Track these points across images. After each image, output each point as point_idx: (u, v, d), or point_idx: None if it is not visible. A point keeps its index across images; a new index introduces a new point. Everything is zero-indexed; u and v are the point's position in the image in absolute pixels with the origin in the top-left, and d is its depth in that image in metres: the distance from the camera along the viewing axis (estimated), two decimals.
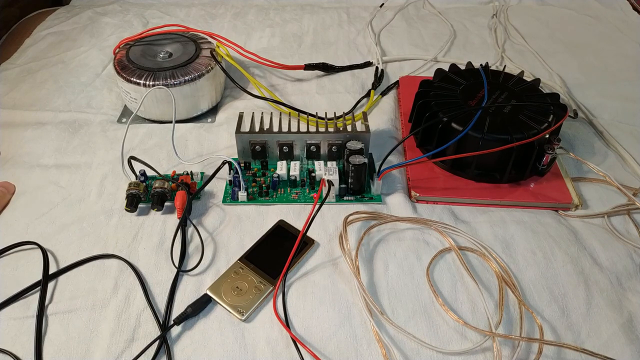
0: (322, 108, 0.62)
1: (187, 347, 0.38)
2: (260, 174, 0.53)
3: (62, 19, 0.84)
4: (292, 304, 0.41)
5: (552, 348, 0.38)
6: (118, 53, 0.61)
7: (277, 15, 0.87)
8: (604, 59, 0.76)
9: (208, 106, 0.62)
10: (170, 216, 0.48)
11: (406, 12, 0.88)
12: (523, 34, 0.81)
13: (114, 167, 0.54)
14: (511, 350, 0.38)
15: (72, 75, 0.69)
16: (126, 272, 0.43)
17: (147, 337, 0.39)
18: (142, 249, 0.45)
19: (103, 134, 0.59)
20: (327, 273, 0.43)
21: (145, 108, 0.59)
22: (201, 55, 0.61)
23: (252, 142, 0.52)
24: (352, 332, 0.39)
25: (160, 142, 0.57)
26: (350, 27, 0.83)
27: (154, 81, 0.57)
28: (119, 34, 0.79)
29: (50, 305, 0.41)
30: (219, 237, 0.47)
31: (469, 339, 0.39)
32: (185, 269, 0.44)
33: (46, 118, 0.61)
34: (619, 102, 0.66)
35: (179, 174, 0.52)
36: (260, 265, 0.44)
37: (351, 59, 0.74)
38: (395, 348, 0.38)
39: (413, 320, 0.40)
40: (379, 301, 0.41)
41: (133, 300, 0.41)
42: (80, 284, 0.43)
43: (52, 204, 0.50)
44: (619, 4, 0.91)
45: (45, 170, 0.54)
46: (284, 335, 0.39)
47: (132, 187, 0.48)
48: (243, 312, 0.40)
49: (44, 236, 0.46)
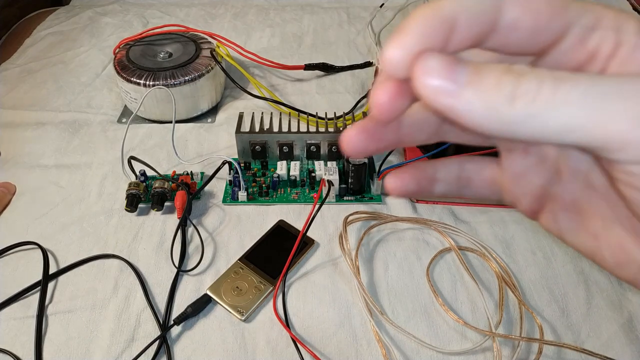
0: (322, 108, 0.62)
1: (187, 347, 0.38)
2: (260, 174, 0.53)
3: (62, 19, 0.84)
4: (292, 304, 0.41)
5: (552, 348, 0.38)
6: (118, 53, 0.61)
7: (277, 15, 0.87)
8: None
9: (208, 106, 0.62)
10: (170, 216, 0.48)
11: (406, 12, 0.88)
12: None
13: (114, 167, 0.54)
14: (511, 350, 0.38)
15: (72, 76, 0.69)
16: (126, 272, 0.43)
17: (147, 337, 0.39)
18: (142, 249, 0.45)
19: (103, 134, 0.59)
20: (327, 273, 0.43)
21: (145, 108, 0.59)
22: (201, 55, 0.61)
23: (252, 142, 0.52)
24: (352, 332, 0.39)
25: (160, 142, 0.57)
26: (350, 27, 0.83)
27: (154, 81, 0.57)
28: (119, 34, 0.78)
29: (50, 305, 0.41)
30: (219, 237, 0.47)
31: (469, 339, 0.39)
32: (185, 269, 0.44)
33: (46, 118, 0.61)
34: None
35: (179, 174, 0.52)
36: (260, 265, 0.44)
37: (351, 59, 0.74)
38: (395, 348, 0.38)
39: (413, 320, 0.40)
40: (379, 301, 0.41)
41: (133, 300, 0.41)
42: (80, 284, 0.43)
43: (52, 204, 0.50)
44: (618, 3, 0.91)
45: (46, 170, 0.54)
46: (284, 335, 0.39)
47: (132, 187, 0.48)
48: (243, 312, 0.40)
49: (44, 236, 0.46)
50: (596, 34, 0.14)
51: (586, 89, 0.12)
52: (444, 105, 0.13)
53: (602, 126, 0.12)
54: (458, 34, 0.13)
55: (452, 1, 0.13)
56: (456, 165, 0.19)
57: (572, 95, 0.12)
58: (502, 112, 0.12)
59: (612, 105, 0.12)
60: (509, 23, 0.14)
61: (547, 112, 0.12)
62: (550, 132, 0.12)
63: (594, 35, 0.14)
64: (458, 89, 0.13)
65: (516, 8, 0.13)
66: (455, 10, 0.13)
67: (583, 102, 0.12)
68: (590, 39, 0.14)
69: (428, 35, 0.13)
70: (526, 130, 0.12)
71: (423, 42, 0.13)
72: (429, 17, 0.13)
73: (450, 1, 0.13)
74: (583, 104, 0.12)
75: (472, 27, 0.13)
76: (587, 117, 0.12)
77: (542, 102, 0.12)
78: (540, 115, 0.12)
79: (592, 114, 0.12)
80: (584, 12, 0.14)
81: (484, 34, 0.14)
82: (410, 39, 0.13)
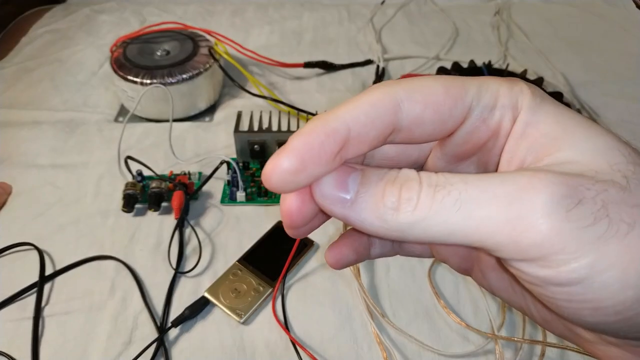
0: (322, 107, 0.62)
1: (185, 350, 0.38)
2: (259, 173, 0.52)
3: (59, 17, 0.83)
4: (291, 306, 0.41)
5: (555, 350, 0.37)
6: (115, 51, 0.61)
7: (276, 12, 0.86)
8: (608, 57, 0.75)
9: (206, 105, 0.62)
10: (168, 217, 0.48)
11: (408, 10, 0.88)
12: (526, 32, 0.80)
13: (110, 167, 0.53)
14: (514, 353, 0.37)
15: (69, 74, 0.69)
16: (123, 274, 0.43)
17: (145, 339, 0.38)
18: (139, 250, 0.45)
19: (100, 133, 0.58)
20: (327, 275, 0.43)
21: (142, 107, 0.58)
22: (199, 53, 0.60)
23: (250, 142, 0.51)
24: (352, 335, 0.39)
25: (158, 142, 0.57)
26: (350, 25, 0.82)
27: (151, 79, 0.56)
28: (116, 32, 0.78)
29: (47, 307, 0.41)
30: (217, 238, 0.46)
31: (471, 341, 0.38)
32: (183, 270, 0.43)
33: (42, 117, 0.60)
34: (623, 101, 0.65)
35: (177, 174, 0.52)
36: (259, 267, 0.43)
37: (352, 56, 0.73)
38: (397, 351, 0.38)
39: (414, 322, 0.39)
40: (380, 303, 0.41)
41: (130, 302, 0.41)
42: (77, 285, 0.42)
43: (49, 204, 0.49)
44: (622, 2, 0.90)
45: (42, 170, 0.53)
46: (283, 338, 0.38)
47: (129, 187, 0.48)
48: (242, 314, 0.39)
49: (40, 237, 0.46)
50: (496, 113, 0.15)
51: (459, 195, 0.13)
52: (339, 214, 0.14)
53: (476, 231, 0.13)
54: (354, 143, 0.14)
55: (344, 111, 0.14)
56: None
57: (447, 202, 0.13)
58: (390, 221, 0.13)
59: (483, 210, 0.13)
60: (411, 120, 0.14)
61: (427, 219, 0.13)
62: (434, 235, 0.13)
63: (494, 114, 0.15)
64: (349, 200, 0.14)
65: (416, 105, 0.14)
66: (345, 121, 0.14)
67: (456, 209, 0.13)
68: (491, 118, 0.15)
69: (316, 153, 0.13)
70: (414, 235, 0.13)
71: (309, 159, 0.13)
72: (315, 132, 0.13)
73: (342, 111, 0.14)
74: (456, 210, 0.13)
75: (369, 133, 0.14)
76: (462, 221, 0.13)
77: (421, 211, 0.13)
78: (422, 221, 0.13)
79: (465, 219, 0.13)
80: (483, 93, 0.14)
81: (383, 136, 0.14)
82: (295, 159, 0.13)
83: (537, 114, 0.14)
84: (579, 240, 0.12)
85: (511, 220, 0.12)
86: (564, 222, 0.12)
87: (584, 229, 0.12)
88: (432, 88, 0.14)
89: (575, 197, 0.12)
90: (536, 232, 0.12)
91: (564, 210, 0.12)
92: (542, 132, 0.14)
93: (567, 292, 0.13)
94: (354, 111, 0.14)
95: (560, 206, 0.12)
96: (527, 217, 0.12)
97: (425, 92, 0.14)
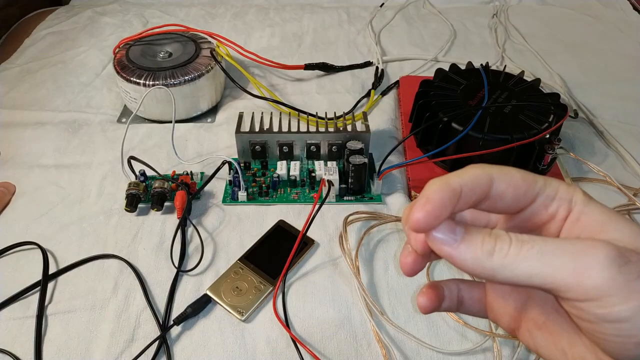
0: (322, 108, 0.62)
1: (187, 347, 0.38)
2: (260, 174, 0.53)
3: (62, 19, 0.84)
4: (292, 304, 0.41)
5: None
6: (118, 53, 0.61)
7: (277, 15, 0.86)
8: (605, 58, 0.76)
9: (208, 106, 0.62)
10: (170, 216, 0.48)
11: (406, 12, 0.88)
12: (523, 34, 0.81)
13: (113, 167, 0.54)
14: (511, 351, 0.38)
15: (72, 75, 0.69)
16: (126, 272, 0.43)
17: (147, 337, 0.39)
18: (142, 249, 0.45)
19: (103, 134, 0.59)
20: (327, 273, 0.43)
21: (145, 108, 0.59)
22: (201, 55, 0.61)
23: (252, 142, 0.52)
24: (352, 333, 0.39)
25: (160, 142, 0.57)
26: (350, 27, 0.83)
27: (154, 81, 0.57)
28: (119, 34, 0.78)
29: (50, 306, 0.41)
30: (219, 237, 0.47)
31: (469, 339, 0.39)
32: (185, 269, 0.44)
33: (46, 118, 0.61)
34: (620, 102, 0.66)
35: (179, 174, 0.52)
36: (260, 266, 0.44)
37: (351, 58, 0.74)
38: (396, 348, 0.38)
39: (413, 320, 0.40)
40: (379, 301, 0.41)
41: (133, 300, 0.41)
42: (80, 284, 0.43)
43: (52, 204, 0.50)
44: (619, 3, 0.91)
45: (45, 170, 0.54)
46: (284, 336, 0.39)
47: (132, 187, 0.48)
48: (243, 312, 0.40)
49: (44, 236, 0.46)
50: (555, 202, 0.20)
51: (540, 249, 0.18)
52: (445, 253, 0.19)
53: (551, 274, 0.17)
54: (462, 200, 0.19)
55: (458, 177, 0.19)
56: (455, 285, 0.24)
57: (530, 253, 0.18)
58: (484, 263, 0.18)
59: (556, 260, 0.17)
60: (497, 194, 0.19)
61: (514, 264, 0.18)
62: (518, 277, 0.18)
63: (554, 203, 0.20)
64: (455, 243, 0.18)
65: (502, 183, 0.19)
66: (460, 184, 0.18)
67: (538, 257, 0.18)
68: (551, 205, 0.20)
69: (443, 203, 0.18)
70: (501, 276, 0.18)
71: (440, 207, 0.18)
72: (444, 189, 0.18)
73: (456, 177, 0.19)
74: (538, 259, 0.18)
75: (471, 196, 0.19)
76: (541, 268, 0.17)
77: (510, 257, 0.18)
78: (510, 265, 0.18)
79: (544, 266, 0.17)
80: (547, 186, 0.20)
81: (478, 200, 0.19)
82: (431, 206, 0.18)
83: (588, 207, 0.19)
84: (628, 289, 0.17)
85: (579, 268, 0.17)
86: (618, 274, 0.17)
87: (632, 281, 0.17)
88: (514, 174, 0.19)
89: (625, 258, 0.17)
90: (597, 278, 0.17)
91: (617, 266, 0.17)
92: (593, 219, 0.19)
93: (617, 328, 0.17)
94: (465, 179, 0.19)
95: (615, 262, 0.17)
96: (591, 266, 0.17)
97: (510, 176, 0.19)
